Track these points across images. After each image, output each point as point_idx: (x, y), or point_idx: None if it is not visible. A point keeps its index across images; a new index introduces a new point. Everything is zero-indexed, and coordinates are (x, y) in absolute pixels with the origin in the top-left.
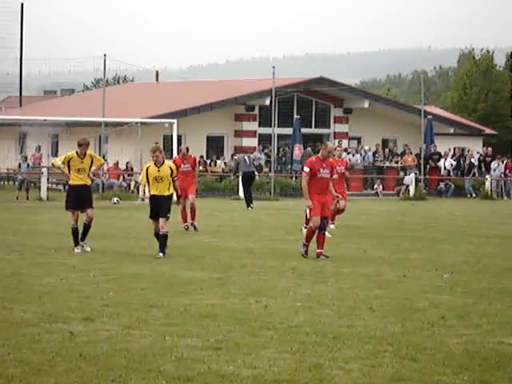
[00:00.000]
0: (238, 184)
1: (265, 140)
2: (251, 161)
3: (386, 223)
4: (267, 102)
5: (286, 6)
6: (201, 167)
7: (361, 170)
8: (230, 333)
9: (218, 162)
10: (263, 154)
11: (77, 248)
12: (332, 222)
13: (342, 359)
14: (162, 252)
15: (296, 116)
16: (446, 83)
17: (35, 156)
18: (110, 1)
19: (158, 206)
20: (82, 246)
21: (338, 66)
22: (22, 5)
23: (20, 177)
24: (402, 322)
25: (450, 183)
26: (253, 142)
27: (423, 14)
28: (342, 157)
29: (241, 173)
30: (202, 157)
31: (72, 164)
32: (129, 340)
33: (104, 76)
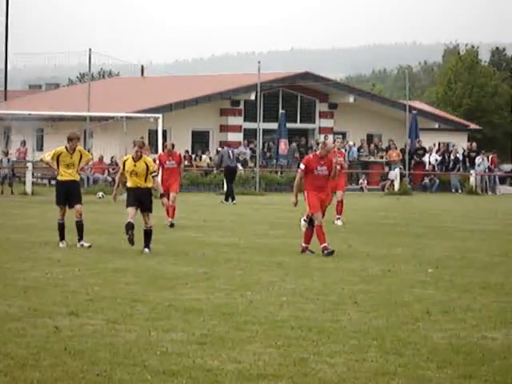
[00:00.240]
0: (223, 179)
1: (250, 135)
2: (234, 155)
3: (370, 218)
4: (252, 97)
5: (271, 1)
6: (186, 162)
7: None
8: (214, 327)
9: (204, 156)
10: (248, 149)
11: (62, 243)
12: (338, 218)
13: (326, 354)
14: (148, 248)
15: (281, 111)
16: (430, 78)
17: (20, 150)
18: None
19: (140, 198)
20: (82, 246)
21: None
22: None
23: (2, 172)
24: (387, 316)
25: (435, 178)
26: (238, 136)
27: (408, 9)
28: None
29: (224, 167)
30: (187, 151)
31: (61, 159)
32: (114, 335)
33: (89, 70)
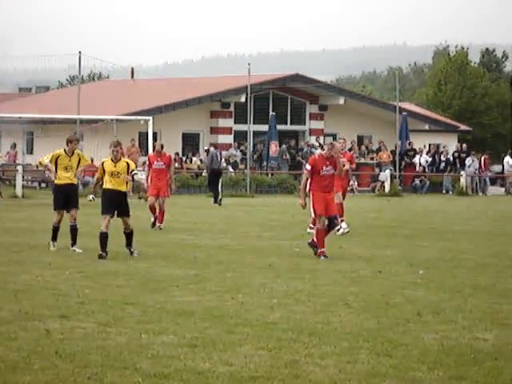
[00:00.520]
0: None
1: (240, 137)
2: (221, 157)
3: (361, 219)
4: (243, 99)
5: (261, 2)
6: (176, 164)
7: None
8: (206, 330)
9: (194, 158)
10: (239, 151)
11: (53, 245)
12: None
13: (318, 355)
14: (132, 249)
15: (271, 113)
16: (420, 80)
17: (10, 153)
18: None
19: (117, 203)
20: (74, 251)
21: (313, 62)
22: None
23: None
24: (378, 318)
25: (425, 179)
26: (228, 138)
27: (398, 10)
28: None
29: (210, 168)
30: (177, 154)
31: (59, 162)
32: (105, 337)
33: (79, 73)
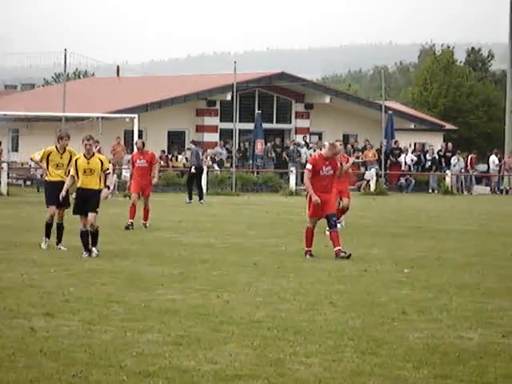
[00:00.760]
0: (200, 179)
1: (226, 135)
2: (203, 155)
3: (346, 218)
4: (228, 97)
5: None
6: (162, 162)
7: None
8: (190, 328)
9: (180, 157)
10: (224, 150)
11: (45, 243)
12: (339, 222)
13: (303, 354)
14: (95, 249)
15: (257, 111)
16: (406, 79)
17: None
18: None
19: (86, 200)
20: (59, 249)
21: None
22: None
23: None
24: (363, 316)
25: (411, 178)
26: (214, 137)
27: (384, 9)
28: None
29: (196, 165)
30: (163, 152)
31: (51, 159)
32: (90, 335)
33: (64, 71)
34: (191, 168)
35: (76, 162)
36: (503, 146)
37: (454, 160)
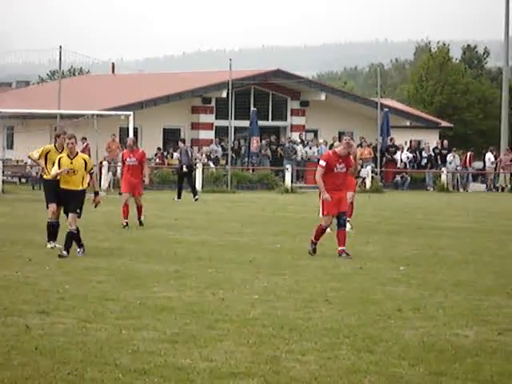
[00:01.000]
0: (195, 177)
1: (222, 132)
2: (192, 154)
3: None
4: (224, 95)
5: None
6: (158, 160)
7: (317, 163)
8: (186, 325)
9: (175, 154)
10: (220, 147)
11: (50, 243)
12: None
13: (298, 351)
14: (66, 250)
15: (253, 108)
16: (402, 76)
17: None
18: None
19: (68, 200)
20: (55, 246)
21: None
22: None
23: None
24: (359, 314)
25: (406, 176)
26: (210, 134)
27: (379, 6)
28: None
29: (180, 165)
30: (159, 149)
31: (49, 157)
32: (85, 333)
33: (60, 68)
34: (182, 167)
35: (59, 160)
36: (499, 144)
37: (449, 157)
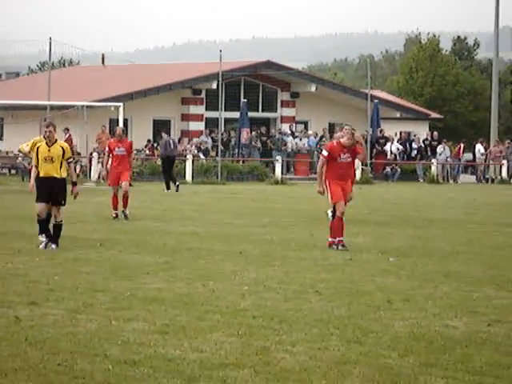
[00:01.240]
0: (185, 168)
1: (212, 124)
2: (175, 144)
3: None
4: (214, 86)
5: None
6: (148, 151)
7: (307, 154)
8: (176, 317)
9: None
10: (210, 138)
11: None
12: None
13: (288, 342)
14: (55, 243)
15: (243, 100)
16: (392, 67)
17: None
18: None
19: (52, 190)
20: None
21: (284, 49)
22: None
23: None
24: (348, 305)
25: (397, 167)
26: (200, 125)
27: None
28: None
29: (163, 155)
30: (149, 140)
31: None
32: (75, 324)
33: (49, 59)
34: (164, 158)
35: (37, 149)
36: (489, 135)
37: (439, 149)
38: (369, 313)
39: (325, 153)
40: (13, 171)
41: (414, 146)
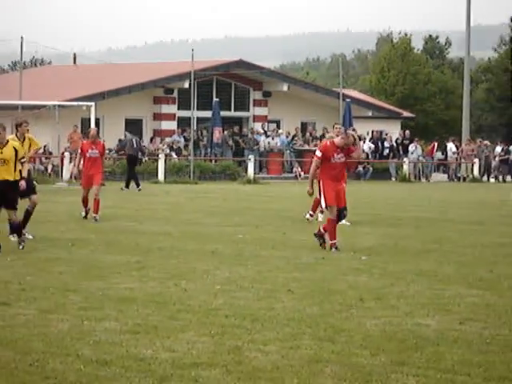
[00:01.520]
0: (157, 167)
1: (184, 123)
2: (139, 144)
3: (304, 206)
4: (186, 85)
5: None
6: (116, 153)
7: (280, 153)
8: (148, 316)
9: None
10: (182, 138)
11: (13, 236)
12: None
13: (260, 341)
14: (12, 236)
15: (215, 99)
16: (364, 66)
17: None
18: None
19: (3, 195)
20: (24, 234)
21: (257, 49)
22: None
23: None
24: (321, 304)
25: (369, 166)
26: (172, 125)
27: None
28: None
29: (127, 155)
30: (120, 140)
31: None
32: (46, 324)
33: (21, 59)
34: (128, 157)
35: None
36: (460, 134)
37: (411, 147)
38: (341, 311)
39: (318, 153)
40: None
41: (386, 144)
